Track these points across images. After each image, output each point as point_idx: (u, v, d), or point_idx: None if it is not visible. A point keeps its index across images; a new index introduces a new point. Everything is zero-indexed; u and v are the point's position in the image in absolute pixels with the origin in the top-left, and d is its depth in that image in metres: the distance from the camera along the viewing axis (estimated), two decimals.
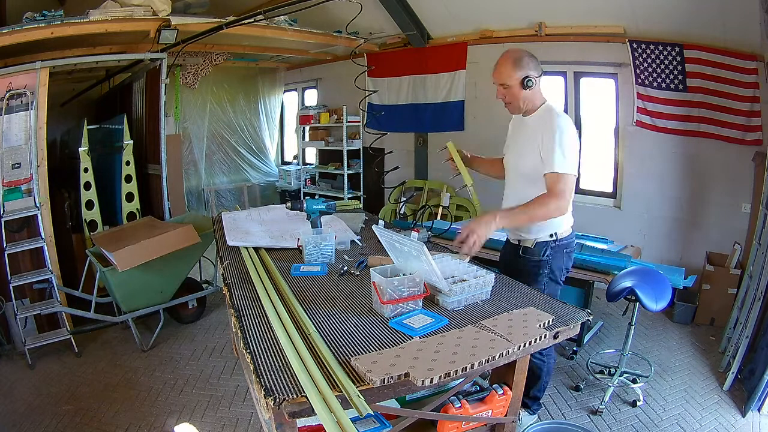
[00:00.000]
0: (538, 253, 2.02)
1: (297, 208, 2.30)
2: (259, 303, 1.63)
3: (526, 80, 1.91)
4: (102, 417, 2.52)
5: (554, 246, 2.02)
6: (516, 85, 1.93)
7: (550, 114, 1.94)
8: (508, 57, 1.94)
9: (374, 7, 4.68)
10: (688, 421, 2.39)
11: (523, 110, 2.01)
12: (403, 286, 1.53)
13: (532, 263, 2.05)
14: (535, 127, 1.95)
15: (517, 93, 1.94)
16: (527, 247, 2.04)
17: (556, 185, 1.83)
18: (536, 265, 2.04)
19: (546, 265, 2.04)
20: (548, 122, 1.89)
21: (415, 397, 1.73)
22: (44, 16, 3.23)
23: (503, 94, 1.98)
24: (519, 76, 1.91)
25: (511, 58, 1.93)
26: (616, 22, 3.78)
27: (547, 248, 2.02)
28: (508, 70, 1.92)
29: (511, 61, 1.92)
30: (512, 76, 1.92)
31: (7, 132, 3.15)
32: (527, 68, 1.92)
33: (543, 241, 2.02)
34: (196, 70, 5.85)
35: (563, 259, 2.07)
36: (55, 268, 3.26)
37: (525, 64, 1.91)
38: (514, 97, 1.96)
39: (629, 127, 3.94)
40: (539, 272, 2.05)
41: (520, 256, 2.06)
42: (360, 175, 6.34)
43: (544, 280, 2.05)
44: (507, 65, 1.93)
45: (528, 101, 1.98)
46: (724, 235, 3.55)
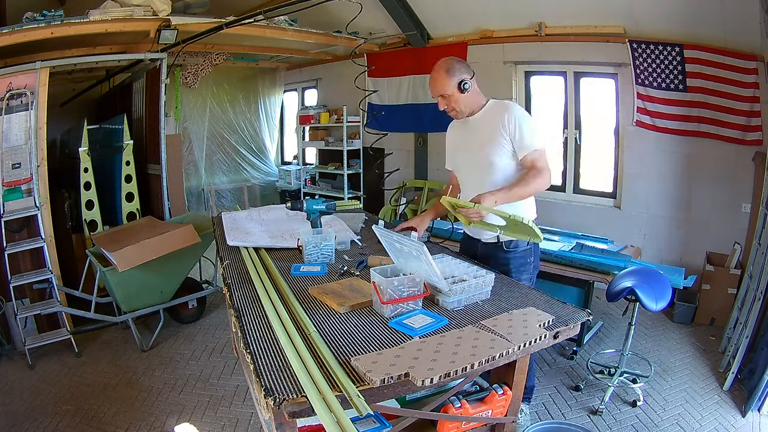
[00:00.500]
0: (523, 244, 2.06)
1: (297, 208, 2.30)
2: (259, 303, 1.63)
3: (462, 84, 1.98)
4: (102, 417, 2.52)
5: None
6: (454, 92, 1.99)
7: (502, 105, 2.03)
8: (438, 68, 2.01)
9: (374, 7, 4.68)
10: (688, 421, 2.39)
11: (465, 114, 2.07)
12: (403, 286, 1.53)
13: (519, 255, 2.07)
14: (491, 119, 2.00)
15: (457, 98, 2.01)
16: (512, 240, 2.05)
17: (538, 161, 1.92)
18: (523, 256, 2.08)
19: (530, 253, 2.09)
20: (505, 111, 1.96)
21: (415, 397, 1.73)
22: (44, 16, 3.23)
23: (445, 104, 2.04)
24: (454, 83, 1.98)
25: (441, 69, 2.00)
26: (616, 22, 3.78)
27: None
28: (442, 80, 1.99)
29: (443, 72, 1.99)
30: (448, 84, 1.98)
31: (7, 132, 3.15)
32: (459, 73, 1.99)
33: None
34: (196, 70, 5.85)
35: (538, 247, 2.14)
36: (55, 268, 3.26)
37: (456, 70, 1.98)
38: (457, 103, 2.02)
39: (629, 127, 3.94)
40: (526, 262, 2.09)
41: (506, 250, 2.07)
42: (360, 175, 6.34)
43: (530, 269, 2.10)
44: (440, 76, 2.00)
45: (470, 103, 2.04)
46: (724, 235, 3.55)
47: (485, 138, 2.01)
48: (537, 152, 1.93)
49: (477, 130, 2.07)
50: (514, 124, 1.93)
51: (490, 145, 1.99)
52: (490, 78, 4.78)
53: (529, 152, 1.93)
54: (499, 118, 1.96)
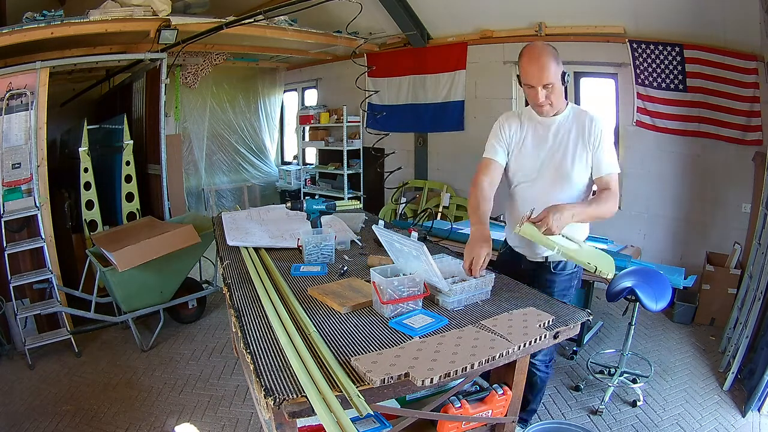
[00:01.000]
0: (571, 266, 1.93)
1: (297, 208, 2.30)
2: (259, 303, 1.63)
3: (565, 75, 1.76)
4: (102, 417, 2.52)
5: None
6: (557, 82, 1.73)
7: (587, 114, 1.82)
8: (545, 54, 1.71)
9: (374, 7, 4.68)
10: (688, 421, 2.39)
11: (556, 110, 1.83)
12: (403, 286, 1.53)
13: (565, 277, 1.95)
14: (574, 125, 1.81)
15: (559, 90, 1.76)
16: (559, 262, 1.91)
17: (614, 185, 1.77)
18: (568, 279, 1.96)
19: (575, 276, 1.98)
20: (591, 120, 1.78)
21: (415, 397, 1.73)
22: (44, 16, 3.23)
23: (545, 95, 1.74)
24: (559, 72, 1.73)
25: (549, 55, 1.70)
26: (616, 22, 3.79)
27: None
28: (552, 67, 1.70)
29: (551, 58, 1.70)
30: (557, 72, 1.72)
31: (7, 132, 3.15)
32: (560, 63, 1.75)
33: None
34: (196, 70, 5.85)
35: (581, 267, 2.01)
36: (55, 268, 3.26)
37: (559, 59, 1.73)
38: (556, 96, 1.76)
39: (629, 127, 3.94)
40: (571, 285, 1.97)
41: (553, 272, 1.93)
42: (360, 175, 6.34)
43: (572, 293, 1.99)
44: (549, 62, 1.69)
45: (562, 100, 1.83)
46: (724, 235, 3.55)
47: (566, 145, 1.81)
48: (613, 175, 1.77)
49: (558, 134, 1.84)
50: (599, 137, 1.75)
51: (569, 155, 1.81)
52: (490, 78, 4.79)
53: (606, 174, 1.77)
54: (582, 127, 1.79)
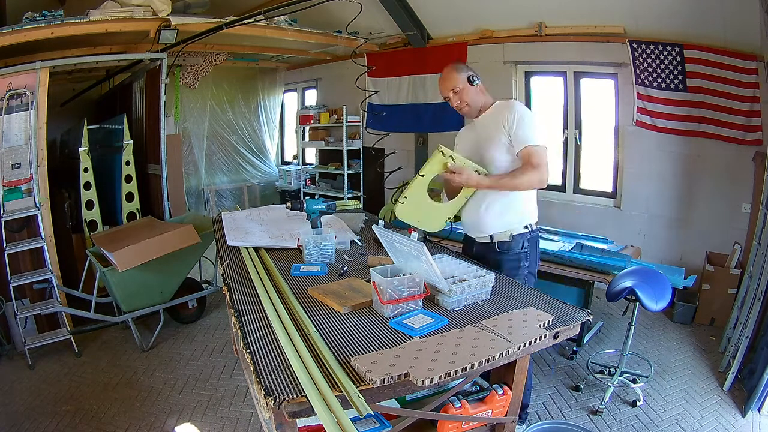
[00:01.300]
0: (516, 247, 2.05)
1: (297, 208, 2.30)
2: (259, 303, 1.63)
3: (471, 78, 2.05)
4: (102, 417, 2.52)
5: (530, 237, 2.07)
6: (465, 85, 2.05)
7: (504, 103, 2.07)
8: (446, 69, 2.10)
9: (374, 7, 4.68)
10: (688, 421, 2.39)
11: (475, 110, 2.11)
12: (403, 286, 1.53)
13: (511, 258, 2.06)
14: (494, 117, 2.04)
15: (468, 92, 2.06)
16: (504, 242, 2.05)
17: (533, 157, 1.91)
18: (515, 259, 2.06)
19: (525, 257, 2.07)
20: (508, 107, 2.00)
21: (415, 397, 1.73)
22: (44, 16, 3.23)
23: (458, 100, 2.08)
24: (463, 77, 2.05)
25: (449, 67, 2.09)
26: (616, 22, 3.78)
27: (524, 240, 2.06)
28: (452, 77, 2.07)
29: (451, 68, 2.08)
30: (458, 78, 2.06)
31: (7, 132, 3.15)
32: (467, 70, 2.07)
33: (519, 233, 2.05)
34: (196, 70, 5.85)
35: (536, 250, 2.13)
36: (55, 268, 3.26)
37: (463, 68, 2.08)
38: (468, 96, 2.07)
39: (629, 127, 3.94)
40: (519, 266, 2.06)
41: (498, 251, 2.07)
42: (360, 175, 6.34)
43: (524, 274, 2.07)
44: (449, 72, 2.08)
45: (479, 99, 2.09)
46: (724, 235, 3.55)
47: (487, 135, 2.04)
48: (533, 148, 1.92)
49: (481, 129, 2.10)
50: (513, 119, 1.94)
51: (490, 141, 2.02)
52: (490, 78, 4.75)
53: (525, 147, 1.92)
54: (500, 115, 2.00)
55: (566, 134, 4.43)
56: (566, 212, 4.34)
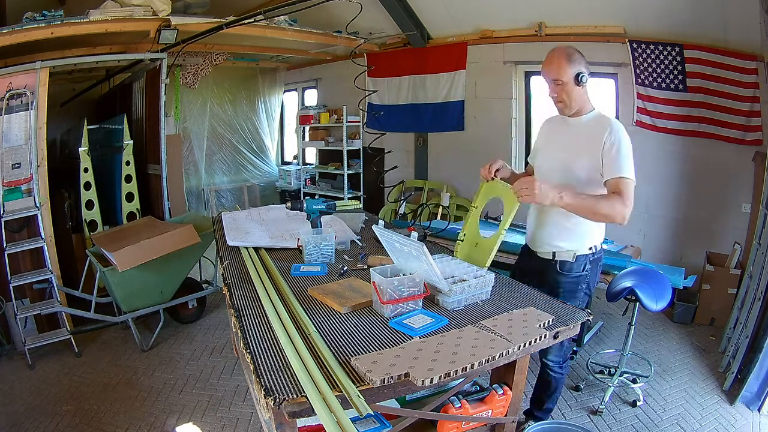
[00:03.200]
0: (578, 269, 1.92)
1: (297, 208, 2.30)
2: (259, 303, 1.63)
3: (579, 76, 1.82)
4: (102, 417, 2.52)
5: (593, 260, 1.95)
6: (570, 81, 1.83)
7: (609, 120, 1.85)
8: (560, 52, 1.85)
9: (374, 7, 4.68)
10: (688, 421, 2.39)
11: (574, 110, 1.90)
12: (403, 286, 1.53)
13: (571, 279, 1.93)
14: (594, 130, 1.84)
15: (570, 90, 1.85)
16: (566, 262, 1.92)
17: (626, 189, 1.72)
18: (575, 281, 1.94)
19: (584, 280, 1.96)
20: (611, 128, 1.80)
21: (415, 397, 1.73)
22: (44, 16, 3.23)
23: (556, 91, 1.87)
24: (573, 72, 1.82)
25: (563, 53, 1.83)
26: (616, 22, 3.79)
27: (587, 262, 1.93)
28: (562, 65, 1.82)
29: (564, 56, 1.83)
30: (566, 71, 1.82)
31: (7, 132, 3.15)
32: (579, 64, 1.83)
33: (583, 255, 1.92)
34: (196, 70, 5.85)
35: (597, 272, 2.02)
36: (55, 268, 3.26)
37: (576, 60, 1.83)
38: (568, 94, 1.86)
39: (629, 127, 3.92)
40: (578, 288, 1.95)
41: (558, 271, 1.93)
42: (360, 175, 6.34)
43: (581, 296, 1.97)
44: (560, 60, 1.83)
45: (580, 100, 1.89)
46: (724, 235, 3.55)
47: (579, 144, 1.87)
48: (624, 180, 1.74)
49: (576, 134, 1.91)
50: (612, 143, 1.77)
51: (581, 153, 1.85)
52: (490, 78, 4.79)
53: (616, 176, 1.75)
54: (601, 130, 1.81)
55: None
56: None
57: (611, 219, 1.73)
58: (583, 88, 1.86)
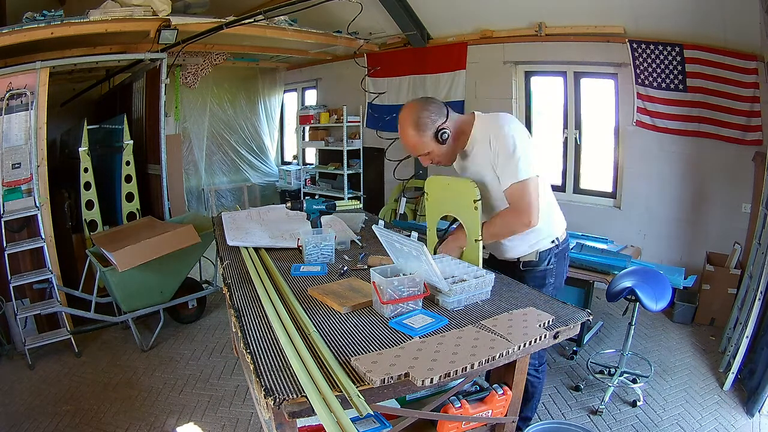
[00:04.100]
0: (542, 264, 1.91)
1: (297, 208, 2.30)
2: (259, 303, 1.63)
3: (439, 134, 1.75)
4: (102, 417, 2.52)
5: (557, 252, 1.93)
6: (434, 146, 1.78)
7: (486, 127, 1.78)
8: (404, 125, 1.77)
9: (374, 8, 4.68)
10: (688, 421, 2.39)
11: (454, 158, 1.90)
12: (403, 286, 1.53)
13: (537, 275, 1.92)
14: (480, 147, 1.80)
15: (440, 150, 1.79)
16: (529, 261, 1.91)
17: (520, 200, 1.69)
18: (542, 277, 1.92)
19: (551, 274, 1.94)
20: (490, 135, 1.74)
21: (415, 397, 1.73)
22: (44, 16, 3.23)
23: (428, 160, 1.84)
24: (429, 136, 1.75)
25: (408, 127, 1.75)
26: (616, 22, 3.79)
27: (551, 256, 1.92)
28: (415, 140, 1.76)
29: (410, 129, 1.75)
30: (423, 143, 1.76)
31: (7, 132, 3.15)
32: (431, 124, 1.74)
33: (546, 250, 1.90)
34: (196, 70, 5.85)
35: (564, 263, 2.01)
36: (55, 268, 3.26)
37: (428, 122, 1.74)
38: (442, 156, 1.82)
39: (629, 127, 3.95)
40: (545, 283, 1.93)
41: (522, 270, 1.92)
42: (360, 175, 6.34)
43: (549, 290, 1.93)
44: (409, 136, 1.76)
45: (455, 145, 1.83)
46: (724, 235, 3.55)
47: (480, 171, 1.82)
48: (516, 186, 1.69)
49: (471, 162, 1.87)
50: (496, 151, 1.72)
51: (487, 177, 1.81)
52: (490, 78, 4.79)
53: (508, 186, 1.71)
54: (485, 144, 1.77)
55: (566, 134, 4.43)
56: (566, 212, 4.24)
57: (517, 231, 1.75)
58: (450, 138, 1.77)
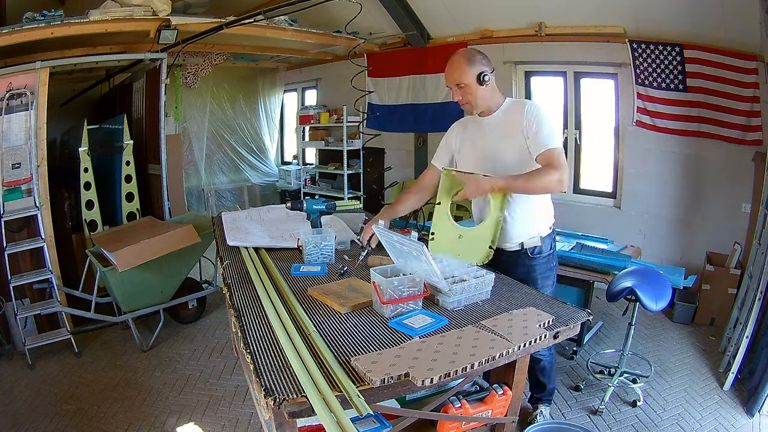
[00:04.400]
0: (547, 248, 2.00)
1: (297, 208, 2.30)
2: (259, 303, 1.63)
3: (481, 76, 1.86)
4: (102, 417, 2.52)
5: (553, 237, 2.05)
6: (472, 83, 1.88)
7: (523, 102, 1.94)
8: (458, 56, 1.91)
9: (374, 7, 4.68)
10: (688, 421, 2.39)
11: (481, 108, 1.95)
12: (403, 286, 1.53)
13: (543, 260, 2.00)
14: (510, 116, 1.91)
15: (474, 90, 1.89)
16: (536, 246, 1.97)
17: (556, 158, 1.77)
18: (546, 261, 2.01)
19: (554, 257, 2.05)
20: (526, 108, 1.87)
21: (415, 397, 1.73)
22: (44, 16, 3.23)
23: (460, 95, 1.92)
24: (473, 73, 1.86)
25: (461, 57, 1.89)
26: (616, 22, 3.78)
27: (551, 241, 2.03)
28: (460, 68, 1.88)
29: (462, 59, 1.88)
30: (466, 73, 1.87)
31: (7, 132, 3.15)
32: (480, 64, 1.88)
33: (547, 235, 2.00)
34: (196, 70, 5.86)
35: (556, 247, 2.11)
36: (55, 268, 3.26)
37: (477, 61, 1.88)
38: (473, 96, 1.90)
39: (629, 127, 3.94)
40: (551, 267, 2.03)
41: (531, 256, 1.98)
42: (360, 175, 6.34)
43: (553, 275, 2.06)
44: (459, 64, 1.89)
45: (487, 98, 1.93)
46: (724, 235, 3.54)
47: (500, 137, 1.92)
48: (552, 150, 1.79)
49: (492, 130, 1.95)
50: (532, 120, 1.83)
51: (503, 144, 1.90)
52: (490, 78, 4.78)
53: (544, 150, 1.80)
54: (517, 115, 1.87)
55: (566, 134, 4.43)
56: (566, 212, 4.33)
57: (551, 187, 1.80)
58: (487, 86, 1.89)
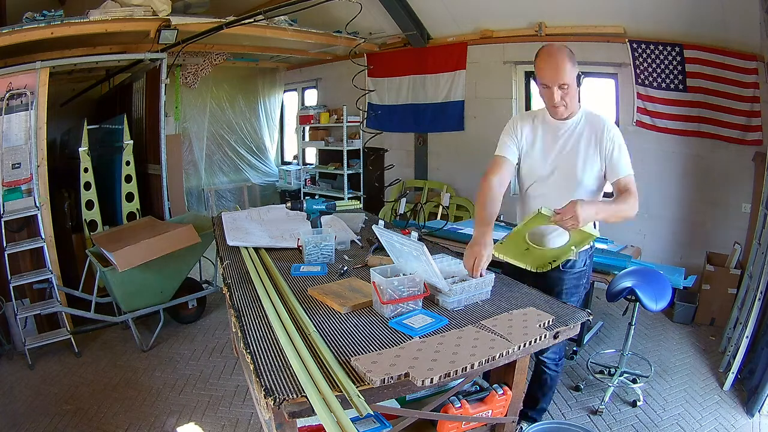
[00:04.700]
0: (580, 264, 1.92)
1: (297, 208, 2.30)
2: (259, 303, 1.63)
3: (579, 77, 1.75)
4: (102, 417, 2.52)
5: (591, 254, 1.96)
6: (573, 83, 1.73)
7: (600, 119, 1.83)
8: (561, 53, 1.71)
9: (374, 7, 4.68)
10: (688, 421, 2.39)
11: (570, 111, 1.81)
12: (403, 286, 1.53)
13: (573, 276, 1.93)
14: (590, 131, 1.81)
15: (574, 92, 1.74)
16: (569, 260, 1.88)
17: (633, 186, 1.74)
18: (577, 278, 1.94)
19: (584, 275, 1.96)
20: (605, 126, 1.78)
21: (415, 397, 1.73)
22: (44, 16, 3.23)
23: (560, 95, 1.73)
24: (575, 73, 1.72)
25: (565, 54, 1.71)
26: (616, 22, 3.79)
27: (587, 258, 1.95)
28: (567, 68, 1.69)
29: (566, 58, 1.70)
30: (571, 73, 1.70)
31: (7, 132, 3.15)
32: (576, 64, 1.74)
33: (583, 250, 1.89)
34: (196, 70, 5.85)
35: (592, 264, 2.04)
36: (55, 268, 3.26)
37: (575, 61, 1.73)
38: (570, 97, 1.75)
39: (629, 127, 3.94)
40: (579, 284, 1.96)
41: (561, 270, 1.90)
42: (360, 175, 6.34)
43: (581, 291, 1.98)
44: (564, 62, 1.69)
45: (575, 102, 1.81)
46: (724, 235, 3.55)
47: (575, 148, 1.82)
48: (631, 177, 1.76)
49: (569, 141, 1.84)
50: (612, 143, 1.76)
51: (579, 157, 1.81)
52: (490, 78, 4.79)
53: (624, 176, 1.76)
54: (598, 131, 1.79)
55: None
56: None
57: (629, 217, 1.74)
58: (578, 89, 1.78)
